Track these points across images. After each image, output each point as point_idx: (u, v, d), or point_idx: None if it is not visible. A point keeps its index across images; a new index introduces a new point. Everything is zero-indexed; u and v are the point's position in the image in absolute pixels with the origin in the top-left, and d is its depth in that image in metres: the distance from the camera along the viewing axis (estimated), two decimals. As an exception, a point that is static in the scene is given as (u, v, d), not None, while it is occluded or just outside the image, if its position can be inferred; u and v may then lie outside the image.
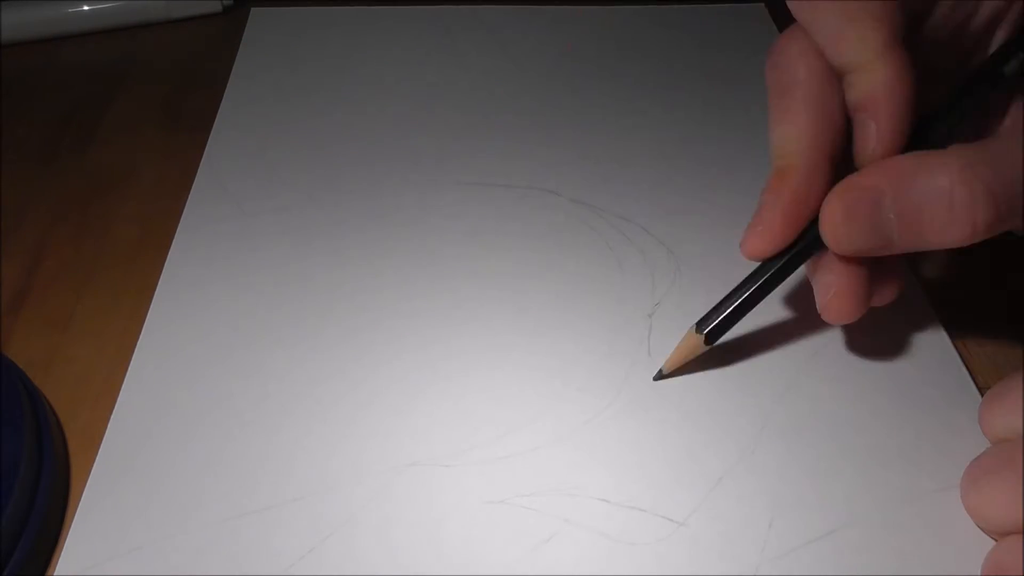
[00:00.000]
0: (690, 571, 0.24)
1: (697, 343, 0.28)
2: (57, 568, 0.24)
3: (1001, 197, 0.24)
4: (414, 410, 0.28)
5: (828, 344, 0.30)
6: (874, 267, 0.27)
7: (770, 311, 0.31)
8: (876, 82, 0.25)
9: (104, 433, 0.27)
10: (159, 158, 0.39)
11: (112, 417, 0.28)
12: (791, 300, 0.32)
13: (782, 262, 0.27)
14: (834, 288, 0.27)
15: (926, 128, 0.26)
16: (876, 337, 0.30)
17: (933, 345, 0.30)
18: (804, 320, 0.31)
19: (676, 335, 0.30)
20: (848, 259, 0.27)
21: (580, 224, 0.35)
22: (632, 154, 0.38)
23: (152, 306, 0.31)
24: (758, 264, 0.28)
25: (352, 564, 0.24)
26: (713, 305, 0.28)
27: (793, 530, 0.25)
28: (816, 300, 0.28)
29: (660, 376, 0.29)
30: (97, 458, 0.27)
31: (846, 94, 0.26)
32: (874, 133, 0.26)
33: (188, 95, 0.43)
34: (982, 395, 0.28)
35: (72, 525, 0.25)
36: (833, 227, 0.26)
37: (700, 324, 0.28)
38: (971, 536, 0.25)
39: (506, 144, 0.39)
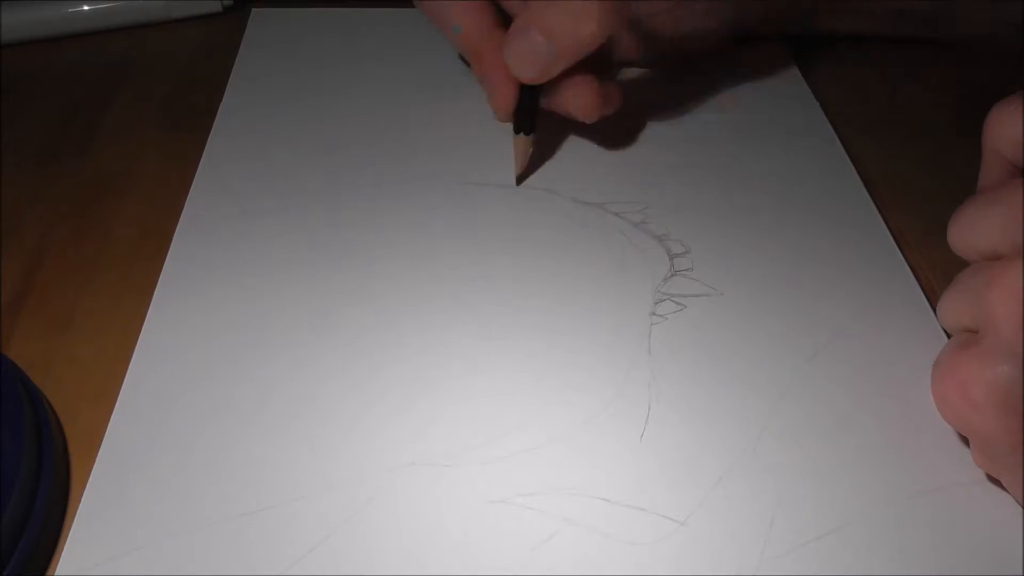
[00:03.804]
0: (690, 570, 0.24)
1: (522, 141, 0.36)
2: (58, 568, 0.24)
3: None
4: (414, 410, 0.28)
5: (827, 345, 0.30)
6: (597, 78, 0.36)
7: (770, 312, 0.31)
8: None
9: (104, 433, 0.27)
10: (159, 158, 0.39)
11: (112, 417, 0.28)
12: (791, 301, 0.32)
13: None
14: (577, 96, 0.36)
15: None
16: (875, 338, 0.30)
17: (931, 346, 0.30)
18: (804, 321, 0.31)
19: (676, 334, 0.30)
20: (578, 72, 0.35)
21: (580, 223, 0.35)
22: (632, 153, 0.38)
23: (152, 306, 0.31)
24: None
25: (352, 564, 0.24)
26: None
27: (794, 529, 0.25)
28: (573, 111, 0.36)
29: (520, 180, 0.37)
30: (97, 458, 0.27)
31: None
32: None
33: (188, 95, 0.43)
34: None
35: (72, 525, 0.25)
36: (513, 66, 0.35)
37: (516, 130, 0.37)
38: (972, 535, 0.25)
39: (506, 144, 0.39)
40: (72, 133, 0.40)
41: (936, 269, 0.33)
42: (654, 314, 0.31)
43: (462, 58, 0.43)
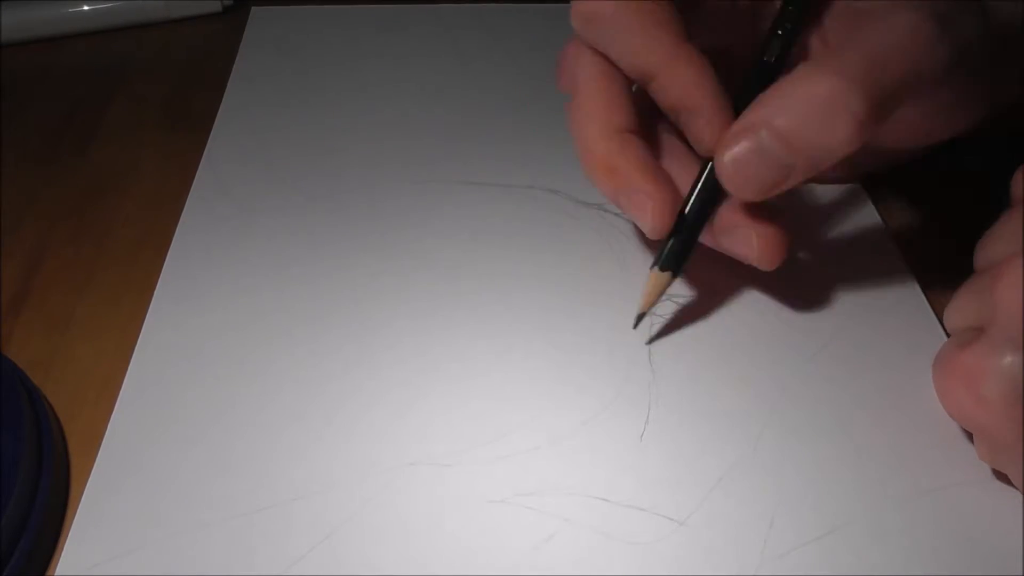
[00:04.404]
0: (690, 571, 0.24)
1: (661, 278, 0.29)
2: (58, 568, 0.24)
3: (865, 83, 0.25)
4: (414, 410, 0.28)
5: (827, 346, 0.30)
6: (769, 214, 0.29)
7: (771, 314, 0.31)
8: (684, 83, 0.27)
9: (104, 433, 0.27)
10: (159, 158, 0.39)
11: (112, 417, 0.28)
12: (791, 303, 0.32)
13: (691, 202, 0.29)
14: (756, 236, 0.28)
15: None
16: (875, 338, 0.30)
17: (932, 346, 0.30)
18: (804, 321, 0.31)
19: (676, 335, 0.30)
20: (751, 209, 0.28)
21: (581, 224, 0.35)
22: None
23: (151, 306, 0.31)
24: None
25: (352, 564, 0.24)
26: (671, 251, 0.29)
27: (794, 529, 0.25)
28: (745, 256, 0.29)
29: (639, 320, 0.30)
30: (97, 458, 0.27)
31: (658, 100, 0.28)
32: (706, 124, 0.28)
33: (188, 95, 0.43)
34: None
35: (72, 525, 0.25)
36: (732, 180, 0.27)
37: (657, 263, 0.29)
38: (972, 536, 0.25)
39: (507, 143, 0.39)
40: (72, 133, 0.40)
41: (936, 269, 0.33)
42: (654, 314, 0.31)
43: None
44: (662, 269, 0.29)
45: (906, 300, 0.32)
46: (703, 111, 0.28)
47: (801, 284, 0.32)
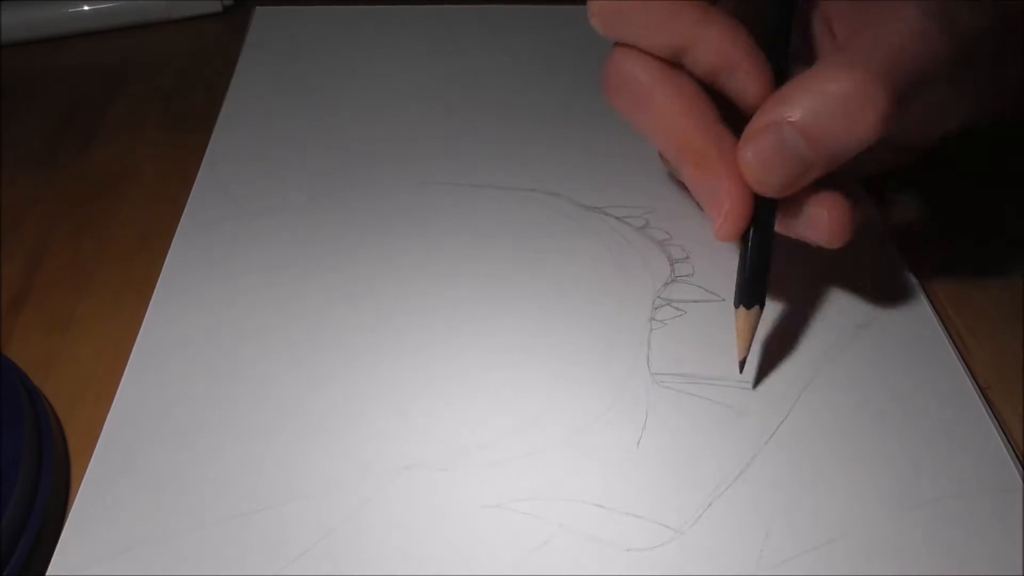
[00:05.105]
0: None
1: (750, 316, 0.29)
2: (50, 568, 0.24)
3: (887, 76, 0.25)
4: (411, 413, 0.28)
5: (826, 351, 0.30)
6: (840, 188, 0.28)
7: (771, 318, 0.31)
8: (716, 44, 0.28)
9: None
10: (159, 158, 0.39)
11: (108, 417, 0.28)
12: (790, 308, 0.32)
13: (757, 217, 0.28)
14: (822, 216, 0.28)
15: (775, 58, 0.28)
16: (876, 346, 0.30)
17: (932, 350, 0.30)
18: (802, 327, 0.31)
19: (676, 339, 0.30)
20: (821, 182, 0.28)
21: (581, 227, 0.35)
22: (634, 156, 0.38)
23: (150, 306, 0.31)
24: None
25: (347, 566, 0.24)
26: (737, 281, 0.29)
27: (790, 540, 0.25)
28: (815, 235, 0.29)
29: (743, 365, 0.29)
30: (92, 458, 0.26)
31: (694, 70, 0.28)
32: (743, 79, 0.28)
33: (188, 95, 0.43)
34: (983, 400, 0.29)
35: (66, 525, 0.25)
36: (753, 174, 0.27)
37: (740, 301, 0.29)
38: (972, 544, 0.25)
39: (509, 145, 0.39)
40: (72, 133, 0.40)
41: (936, 270, 0.33)
42: (653, 319, 0.31)
43: (661, 156, 0.35)
44: (748, 307, 0.28)
45: (908, 305, 0.32)
46: (741, 66, 0.28)
47: (800, 288, 0.32)
